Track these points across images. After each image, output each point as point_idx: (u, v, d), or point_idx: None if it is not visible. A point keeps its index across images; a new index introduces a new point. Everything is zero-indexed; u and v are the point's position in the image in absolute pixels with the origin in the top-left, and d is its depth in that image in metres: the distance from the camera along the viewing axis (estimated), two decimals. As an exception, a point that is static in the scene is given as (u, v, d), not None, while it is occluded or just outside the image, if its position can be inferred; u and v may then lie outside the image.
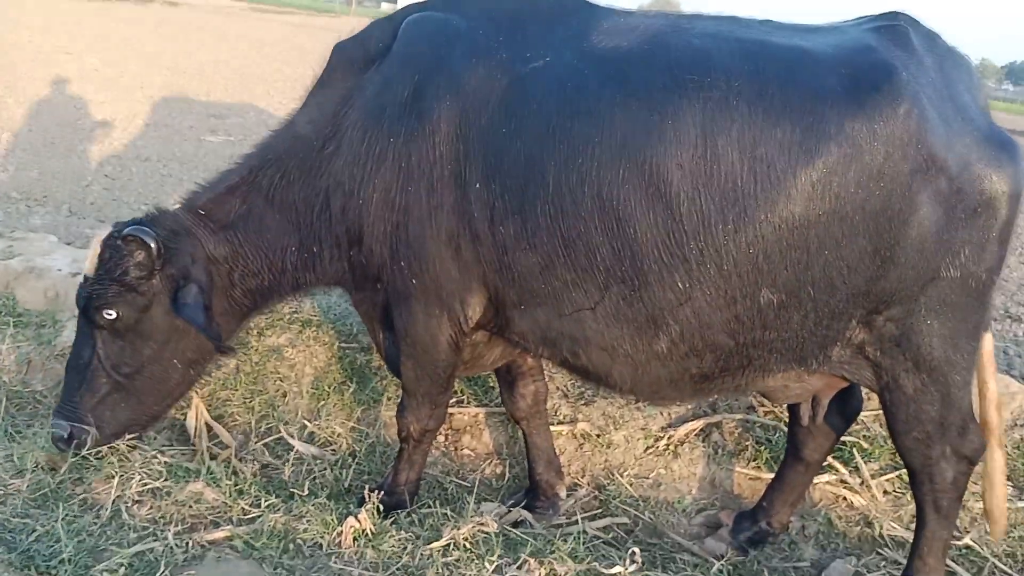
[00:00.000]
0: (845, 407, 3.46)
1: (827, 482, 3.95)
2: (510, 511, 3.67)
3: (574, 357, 3.08)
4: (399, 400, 3.58)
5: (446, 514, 3.40)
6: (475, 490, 3.71)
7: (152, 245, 3.18)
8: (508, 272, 2.97)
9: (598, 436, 4.17)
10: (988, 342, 3.15)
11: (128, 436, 3.46)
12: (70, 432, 3.31)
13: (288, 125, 3.41)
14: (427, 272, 3.08)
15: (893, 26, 2.85)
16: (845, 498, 3.91)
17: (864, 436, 4.08)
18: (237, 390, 4.32)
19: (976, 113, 2.80)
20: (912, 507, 3.84)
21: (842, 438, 4.09)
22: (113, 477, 3.25)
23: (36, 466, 3.26)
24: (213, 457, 3.81)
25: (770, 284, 2.72)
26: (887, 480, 3.95)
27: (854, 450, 4.02)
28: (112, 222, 3.50)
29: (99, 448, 3.36)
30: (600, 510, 3.89)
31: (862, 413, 4.24)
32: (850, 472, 3.97)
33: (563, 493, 3.87)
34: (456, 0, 3.29)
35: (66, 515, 3.01)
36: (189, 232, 3.32)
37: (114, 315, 3.23)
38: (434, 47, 3.08)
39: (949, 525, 3.12)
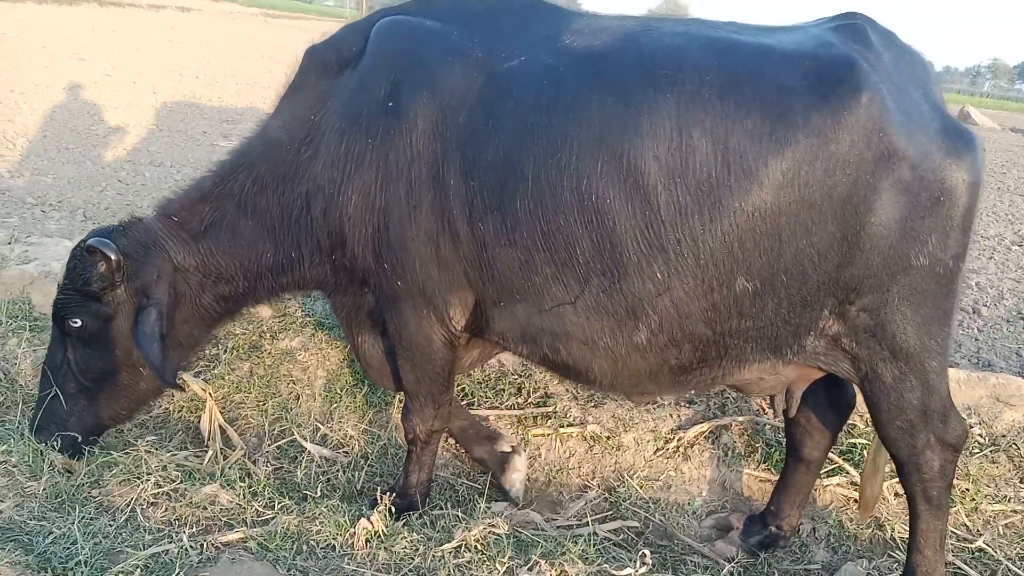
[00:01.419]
0: (838, 403, 3.49)
1: (838, 484, 3.96)
2: (520, 512, 3.69)
3: (554, 353, 3.11)
4: (403, 404, 3.61)
5: (457, 515, 3.43)
6: (486, 492, 3.73)
7: (112, 257, 3.17)
8: (488, 270, 3.00)
9: (608, 438, 4.18)
10: None
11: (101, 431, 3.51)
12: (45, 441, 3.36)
13: (261, 130, 3.41)
14: (409, 273, 3.10)
15: (851, 24, 2.93)
16: (856, 500, 3.91)
17: (875, 438, 4.06)
18: (251, 393, 4.36)
19: (933, 106, 2.86)
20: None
21: (853, 440, 4.10)
22: (129, 480, 3.28)
23: (52, 469, 3.29)
24: (226, 459, 3.85)
25: (745, 272, 2.77)
26: (898, 483, 3.93)
27: (865, 452, 4.01)
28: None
29: (113, 451, 3.41)
30: (610, 512, 3.91)
31: (873, 415, 4.25)
32: (861, 474, 3.96)
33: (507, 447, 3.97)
34: (429, 2, 3.35)
35: (82, 517, 3.05)
36: (157, 243, 3.30)
37: (79, 323, 3.26)
38: (410, 47, 3.10)
39: (942, 515, 3.14)
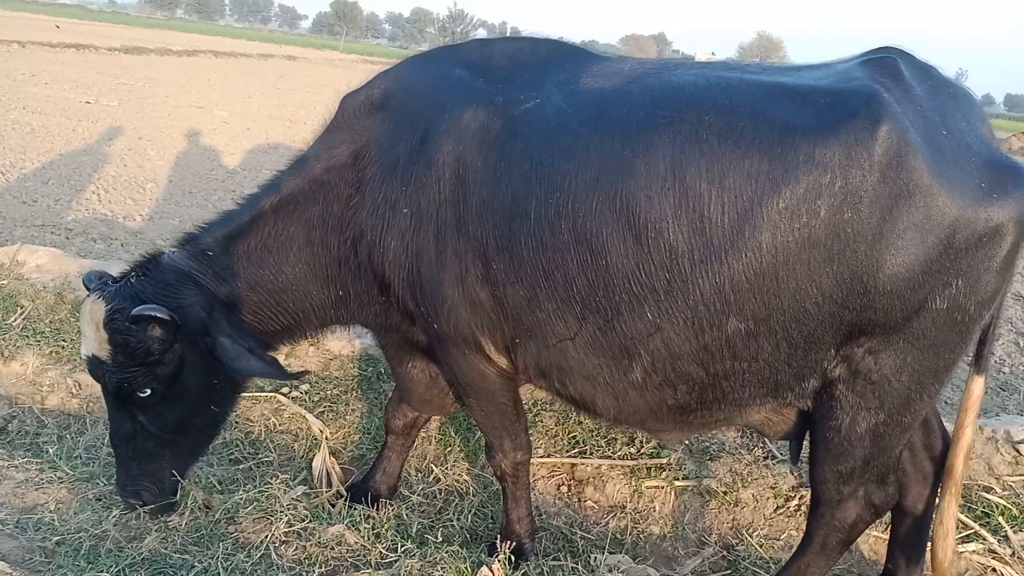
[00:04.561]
0: (932, 448, 3.33)
1: (974, 551, 3.75)
2: (637, 567, 3.64)
3: (563, 387, 3.16)
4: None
5: (575, 567, 3.41)
6: (606, 545, 3.70)
7: (166, 319, 3.04)
8: (502, 307, 3.05)
9: (725, 493, 4.10)
10: (979, 387, 3.00)
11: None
12: (143, 502, 3.33)
13: (300, 168, 3.37)
14: (442, 315, 3.16)
15: (881, 58, 2.84)
16: (994, 569, 3.69)
17: (1015, 503, 3.85)
18: (369, 433, 4.49)
19: (976, 141, 2.69)
20: (1072, 583, 3.60)
21: (990, 501, 3.90)
22: (263, 517, 3.42)
23: (193, 504, 3.46)
24: (340, 496, 3.95)
25: (737, 313, 2.70)
26: (1049, 552, 3.70)
27: (1002, 518, 3.80)
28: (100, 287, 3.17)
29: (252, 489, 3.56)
30: (728, 571, 3.81)
31: (1011, 478, 4.04)
32: (999, 541, 3.75)
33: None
34: (458, 49, 3.45)
35: (222, 553, 3.19)
36: (193, 279, 3.24)
37: (148, 392, 3.16)
38: (438, 95, 3.19)
39: (826, 564, 3.09)
